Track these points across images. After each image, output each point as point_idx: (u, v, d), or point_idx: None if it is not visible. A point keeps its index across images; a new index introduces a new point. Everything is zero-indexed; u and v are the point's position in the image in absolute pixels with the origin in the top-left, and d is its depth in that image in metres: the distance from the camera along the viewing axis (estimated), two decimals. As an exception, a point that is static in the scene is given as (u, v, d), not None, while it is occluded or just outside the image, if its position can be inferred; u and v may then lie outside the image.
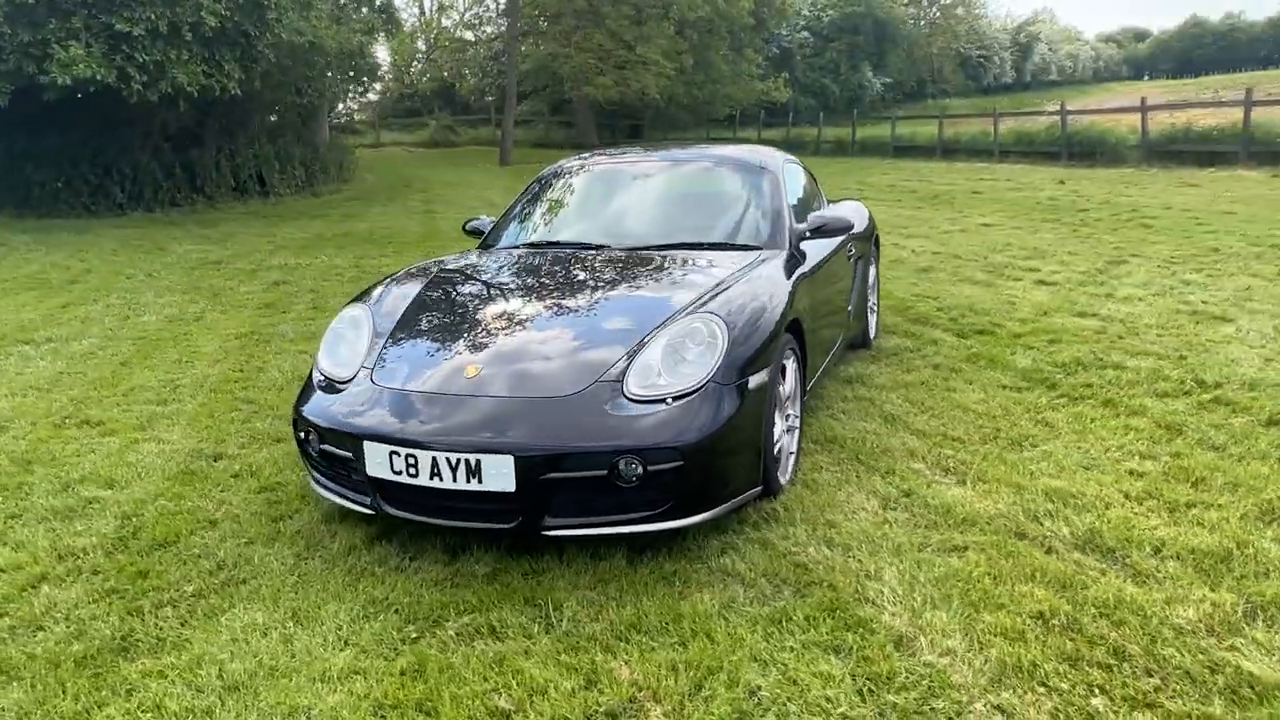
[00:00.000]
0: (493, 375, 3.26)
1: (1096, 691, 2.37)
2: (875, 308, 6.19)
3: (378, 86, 27.18)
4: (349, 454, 3.25)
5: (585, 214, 4.76)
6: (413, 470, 3.06)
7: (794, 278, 4.01)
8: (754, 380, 3.30)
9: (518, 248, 4.54)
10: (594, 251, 4.30)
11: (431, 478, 3.04)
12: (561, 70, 26.60)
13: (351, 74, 16.63)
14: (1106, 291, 7.32)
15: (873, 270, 6.09)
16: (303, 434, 3.48)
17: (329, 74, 15.02)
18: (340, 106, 18.39)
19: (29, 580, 3.18)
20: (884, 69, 50.30)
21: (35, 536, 3.51)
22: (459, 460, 3.00)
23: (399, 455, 3.08)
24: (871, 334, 6.00)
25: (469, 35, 33.76)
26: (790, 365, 3.75)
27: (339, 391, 3.46)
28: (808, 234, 4.43)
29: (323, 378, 3.59)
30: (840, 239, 4.89)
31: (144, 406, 5.17)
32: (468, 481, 3.01)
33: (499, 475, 2.98)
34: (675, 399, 3.11)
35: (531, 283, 4.04)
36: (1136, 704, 2.32)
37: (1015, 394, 4.85)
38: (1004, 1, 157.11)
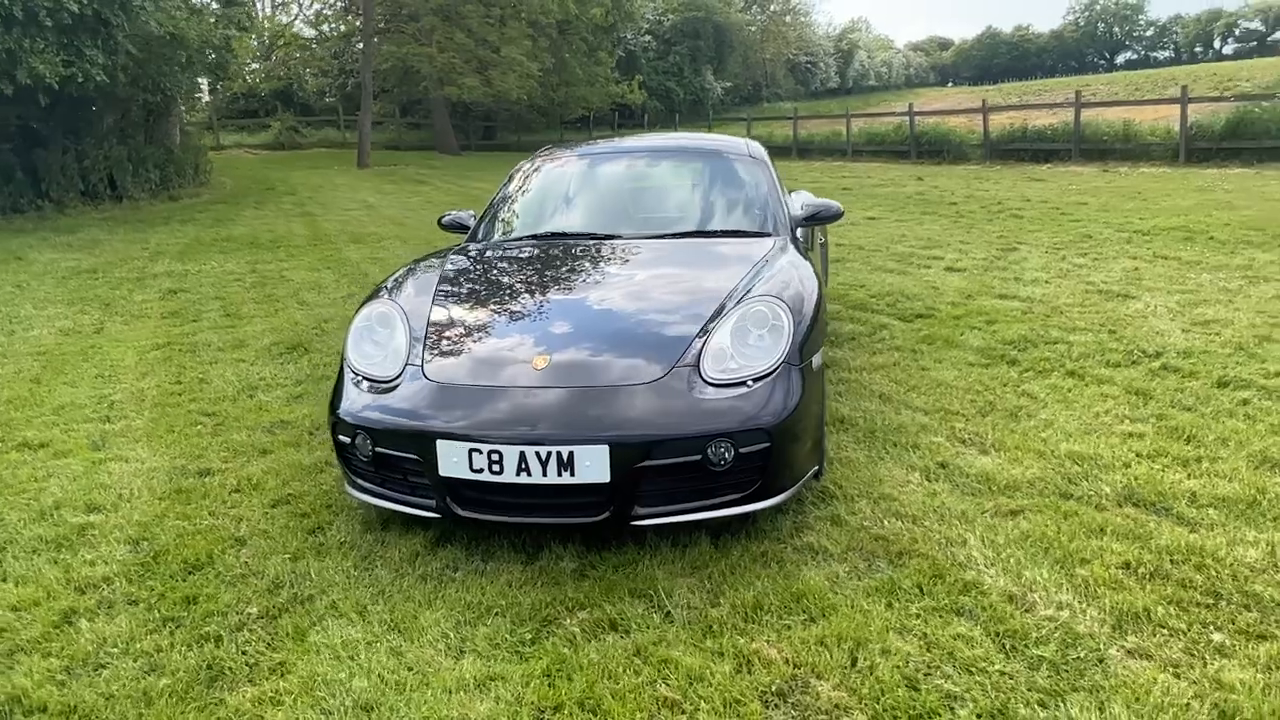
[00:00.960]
0: (561, 366, 3.17)
1: (1212, 629, 2.55)
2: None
3: (211, 86, 25.45)
4: (414, 455, 3.07)
5: (587, 205, 4.67)
6: (495, 467, 2.94)
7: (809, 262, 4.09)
8: (815, 361, 3.36)
9: (523, 240, 4.40)
10: (609, 242, 4.24)
11: (518, 474, 2.92)
12: (423, 70, 25.85)
13: (216, 70, 15.53)
14: (1014, 275, 7.83)
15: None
16: (348, 438, 3.26)
17: (187, 70, 13.97)
18: (181, 107, 17.09)
19: (57, 616, 2.84)
20: (723, 73, 51.81)
21: (39, 568, 3.14)
22: (549, 454, 2.90)
23: (479, 453, 2.94)
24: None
25: (309, 33, 32.33)
26: (820, 347, 3.83)
27: (387, 391, 3.26)
28: (803, 221, 4.53)
29: (359, 378, 3.37)
30: (818, 227, 5.03)
31: (87, 425, 4.71)
32: (559, 475, 2.91)
33: (593, 467, 2.90)
34: (754, 381, 3.12)
35: (561, 273, 3.93)
36: (1251, 636, 2.51)
37: (984, 370, 5.13)
38: (824, 10, 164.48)
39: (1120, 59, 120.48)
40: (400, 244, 11.11)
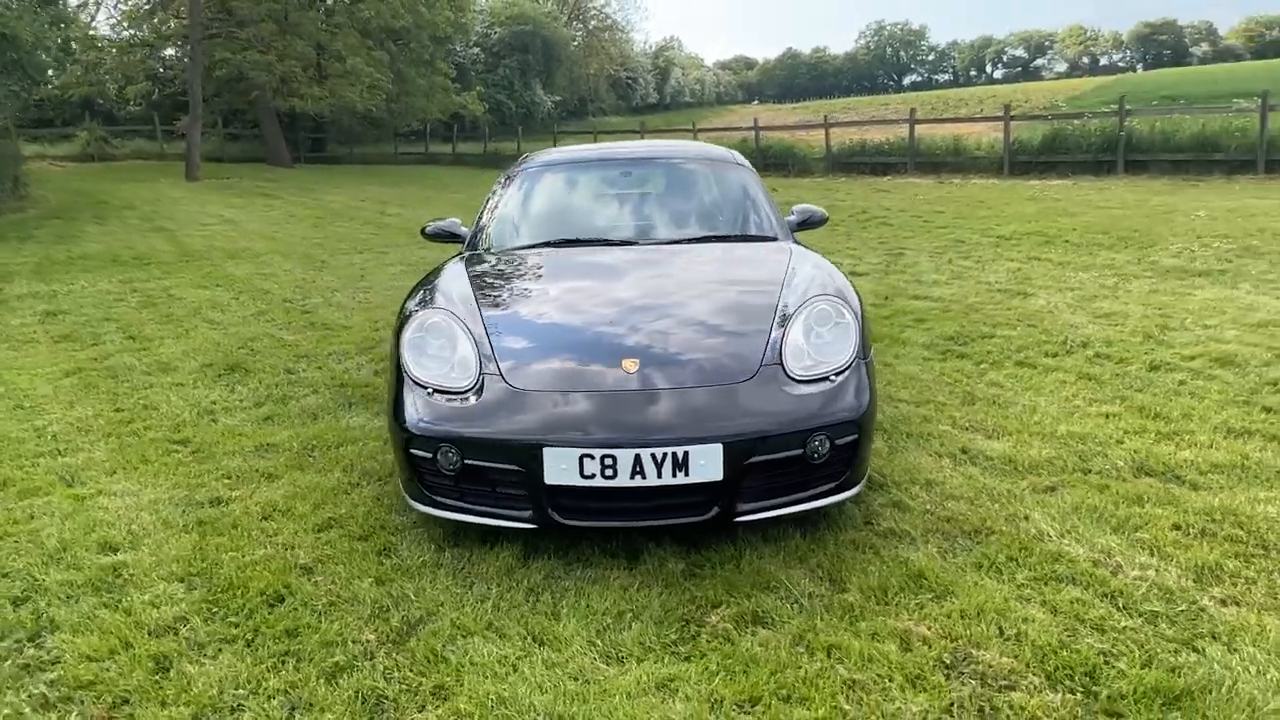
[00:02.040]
0: (651, 368, 3.17)
1: (1277, 574, 2.89)
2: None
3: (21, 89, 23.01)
4: (513, 466, 3.00)
5: (593, 211, 4.64)
6: (609, 472, 2.91)
7: (819, 264, 4.27)
8: (871, 354, 3.53)
9: (538, 246, 4.32)
10: (630, 247, 4.25)
11: (632, 476, 2.92)
12: (260, 79, 24.44)
13: (52, 71, 14.08)
14: (913, 278, 8.38)
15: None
16: (427, 452, 3.13)
17: (13, 72, 12.60)
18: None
19: (150, 662, 2.59)
20: (552, 87, 52.12)
21: (92, 615, 2.84)
22: (664, 455, 2.91)
23: (591, 458, 2.91)
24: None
25: (113, 35, 29.86)
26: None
27: (465, 402, 3.16)
28: (796, 225, 4.72)
29: (430, 390, 3.24)
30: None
31: (41, 460, 4.25)
32: (673, 475, 2.92)
33: (706, 466, 2.93)
34: (835, 375, 3.24)
35: (599, 277, 3.89)
36: (1312, 578, 2.87)
37: (942, 364, 5.49)
38: (641, 28, 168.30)
39: (907, 80, 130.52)
40: (282, 259, 10.55)
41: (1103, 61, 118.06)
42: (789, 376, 3.20)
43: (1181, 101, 24.69)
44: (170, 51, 32.45)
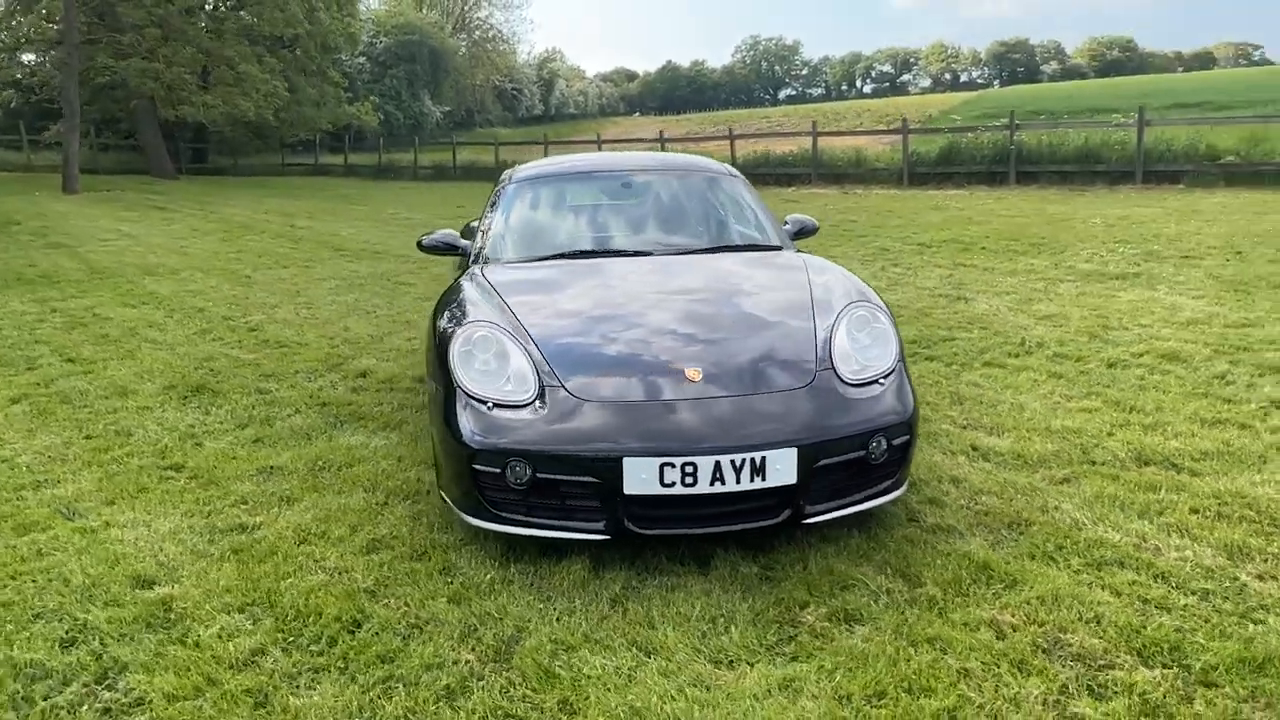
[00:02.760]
0: (712, 376, 3.22)
1: (1298, 549, 3.15)
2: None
3: None
4: (589, 477, 2.99)
5: (602, 224, 4.63)
6: (689, 479, 2.95)
7: (826, 272, 4.40)
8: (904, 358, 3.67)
9: (554, 258, 4.29)
10: (646, 257, 4.27)
11: (712, 483, 2.95)
12: (145, 87, 23.13)
13: None
14: (855, 285, 8.66)
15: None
16: (495, 467, 3.08)
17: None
18: None
19: (248, 698, 2.47)
20: (440, 98, 51.44)
21: (159, 652, 2.68)
22: (744, 460, 2.96)
23: (673, 466, 2.94)
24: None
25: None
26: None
27: (531, 414, 3.13)
28: (794, 234, 4.85)
29: (488, 403, 3.19)
30: None
31: (25, 492, 3.98)
32: (751, 480, 2.98)
33: (782, 470, 3.00)
34: (883, 379, 3.36)
35: (629, 287, 3.89)
36: (1328, 550, 3.14)
37: (915, 366, 5.72)
38: (526, 40, 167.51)
39: (782, 94, 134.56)
40: (204, 275, 10.08)
41: (963, 78, 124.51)
42: (842, 381, 3.29)
43: (1043, 116, 26.35)
44: (30, 57, 30.51)
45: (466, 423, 3.19)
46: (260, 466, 4.24)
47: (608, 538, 3.06)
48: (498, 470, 3.08)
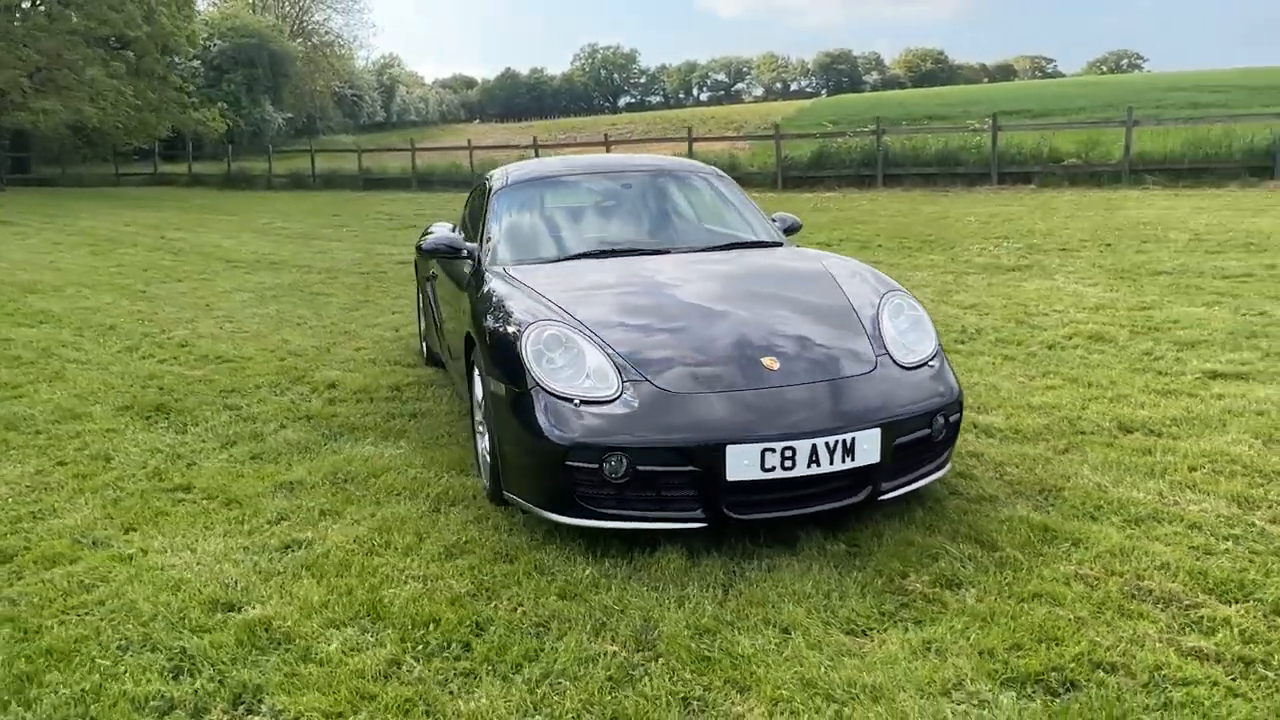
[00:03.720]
0: (788, 364, 3.34)
1: (1291, 495, 3.58)
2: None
3: None
4: (692, 467, 3.06)
5: (613, 222, 4.65)
6: (788, 463, 3.07)
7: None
8: (935, 341, 3.92)
9: (574, 259, 4.28)
10: (667, 255, 4.34)
11: (809, 465, 3.09)
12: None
13: None
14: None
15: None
16: (591, 463, 3.09)
17: None
18: None
19: (417, 708, 2.41)
20: (281, 104, 49.29)
21: (300, 672, 2.57)
22: (837, 442, 3.11)
23: (773, 451, 3.05)
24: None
25: None
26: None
27: (622, 409, 3.16)
28: (784, 231, 5.04)
29: (575, 401, 3.20)
30: None
31: (22, 525, 3.68)
32: (842, 461, 3.13)
33: (869, 450, 3.17)
34: (932, 362, 3.59)
35: (665, 284, 3.93)
36: (1316, 494, 3.59)
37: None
38: (367, 44, 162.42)
39: (622, 101, 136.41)
40: (91, 290, 9.37)
41: (793, 87, 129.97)
42: (898, 365, 3.49)
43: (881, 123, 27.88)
44: None
45: (553, 421, 3.18)
46: (277, 483, 4.06)
47: (705, 525, 3.14)
48: (595, 466, 3.10)
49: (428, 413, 5.08)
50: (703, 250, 4.47)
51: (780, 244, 4.73)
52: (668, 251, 4.41)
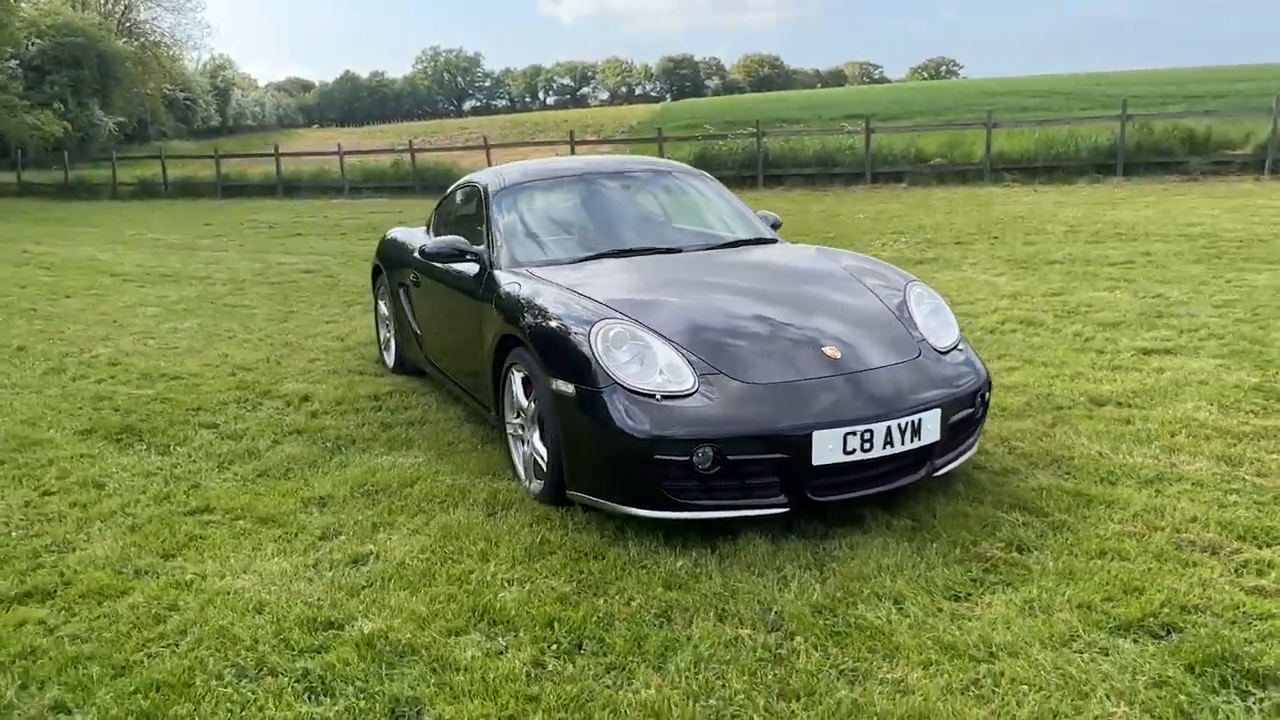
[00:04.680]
0: (847, 352, 3.50)
1: (1265, 455, 4.02)
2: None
3: None
4: (780, 454, 3.17)
5: (622, 223, 4.65)
6: (867, 445, 3.23)
7: (822, 261, 4.82)
8: (948, 327, 4.18)
9: (595, 259, 4.29)
10: (684, 254, 4.42)
11: (884, 446, 3.26)
12: None
13: None
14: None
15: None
16: (681, 455, 3.15)
17: None
18: None
19: (599, 705, 2.42)
20: (111, 108, 46.10)
21: (450, 683, 2.53)
22: (907, 424, 3.29)
23: (854, 435, 3.20)
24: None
25: None
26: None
27: (704, 402, 3.24)
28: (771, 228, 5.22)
29: (656, 396, 3.25)
30: None
31: (46, 558, 3.42)
32: (910, 441, 3.32)
33: (931, 429, 3.37)
34: (961, 346, 3.84)
35: (698, 280, 4.02)
36: (1285, 449, 4.04)
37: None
38: (200, 45, 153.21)
39: (467, 105, 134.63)
40: (45, 301, 8.56)
41: (638, 91, 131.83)
42: (935, 350, 3.72)
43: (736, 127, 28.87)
44: None
45: (635, 417, 3.22)
46: (303, 499, 3.90)
47: (788, 510, 3.25)
48: (684, 459, 3.16)
49: (425, 420, 4.97)
50: (712, 248, 4.59)
51: (775, 240, 4.90)
52: (680, 250, 4.50)
